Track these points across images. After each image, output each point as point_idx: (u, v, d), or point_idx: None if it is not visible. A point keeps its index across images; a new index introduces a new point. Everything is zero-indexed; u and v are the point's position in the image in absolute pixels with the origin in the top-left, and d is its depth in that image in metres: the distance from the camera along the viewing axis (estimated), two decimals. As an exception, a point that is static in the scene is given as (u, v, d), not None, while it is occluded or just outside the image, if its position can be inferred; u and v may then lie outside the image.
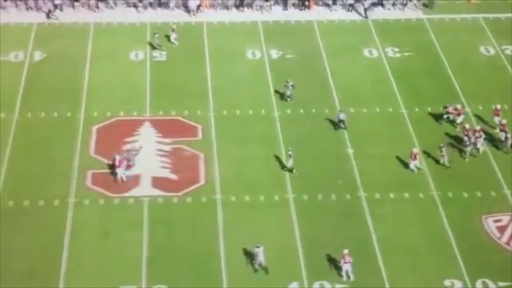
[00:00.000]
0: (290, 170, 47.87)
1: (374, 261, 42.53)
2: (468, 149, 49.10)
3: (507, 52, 59.64)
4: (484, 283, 41.15)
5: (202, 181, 48.02)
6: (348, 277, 41.15)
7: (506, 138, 49.48)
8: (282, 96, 53.27)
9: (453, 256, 42.78)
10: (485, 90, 55.42)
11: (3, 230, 43.80)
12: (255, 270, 41.66)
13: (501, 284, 41.01)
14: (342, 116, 51.31)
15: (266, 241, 43.29)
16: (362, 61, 58.42)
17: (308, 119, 52.60)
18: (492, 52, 59.73)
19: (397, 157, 49.23)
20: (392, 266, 42.29)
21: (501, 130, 49.99)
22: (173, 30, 59.77)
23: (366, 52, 59.40)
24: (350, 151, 50.06)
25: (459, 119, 51.51)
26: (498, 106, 51.56)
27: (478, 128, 49.96)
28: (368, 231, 44.36)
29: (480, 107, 53.69)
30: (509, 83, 56.07)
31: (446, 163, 48.23)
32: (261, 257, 41.77)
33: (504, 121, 50.24)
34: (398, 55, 59.20)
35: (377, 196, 46.73)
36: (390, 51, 59.54)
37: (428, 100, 54.32)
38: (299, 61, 58.21)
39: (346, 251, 41.23)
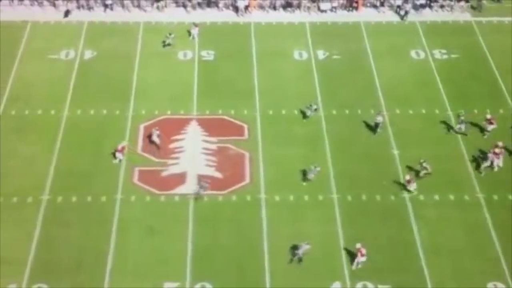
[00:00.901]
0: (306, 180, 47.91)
1: (417, 262, 42.63)
2: (484, 164, 48.80)
3: (556, 54, 59.14)
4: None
5: (247, 180, 48.48)
6: (358, 264, 41.85)
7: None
8: (303, 115, 52.89)
9: (496, 258, 42.68)
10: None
11: (52, 225, 44.73)
12: (292, 261, 42.12)
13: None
14: (379, 119, 51.24)
15: (310, 240, 43.71)
16: (408, 63, 58.36)
17: (353, 119, 52.76)
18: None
19: (441, 158, 49.21)
20: (434, 267, 42.36)
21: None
22: (196, 26, 60.26)
23: (413, 54, 59.33)
24: (395, 152, 50.14)
25: (490, 128, 50.98)
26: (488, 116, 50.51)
27: (500, 144, 48.87)
28: (412, 231, 44.45)
29: (518, 110, 53.51)
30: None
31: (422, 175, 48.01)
32: (301, 251, 42.27)
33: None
34: (445, 56, 59.05)
35: (421, 197, 46.77)
36: (437, 53, 59.39)
37: (474, 102, 54.13)
38: (345, 61, 58.32)
39: (358, 245, 41.84)
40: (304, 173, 48.05)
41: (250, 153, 50.42)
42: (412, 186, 46.87)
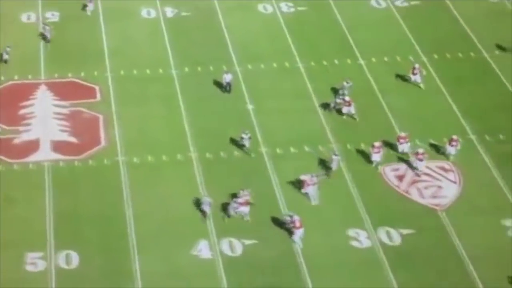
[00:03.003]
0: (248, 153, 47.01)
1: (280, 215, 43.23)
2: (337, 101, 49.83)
3: (397, 3, 60.69)
4: (387, 231, 42.38)
5: (103, 143, 47.69)
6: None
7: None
8: (241, 147, 47.53)
9: (355, 206, 43.82)
10: (378, 42, 56.42)
11: None
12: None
13: (404, 231, 42.29)
14: (228, 77, 51.12)
15: (172, 200, 43.58)
16: (257, 17, 58.62)
17: (206, 76, 52.63)
18: (384, 4, 60.72)
19: (297, 111, 49.90)
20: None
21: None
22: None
23: (261, 8, 59.62)
24: (250, 107, 50.44)
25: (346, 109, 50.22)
26: (455, 137, 46.99)
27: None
28: (272, 186, 44.93)
29: (374, 59, 54.69)
30: (401, 35, 57.22)
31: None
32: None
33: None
34: (292, 9, 59.58)
35: (278, 151, 47.31)
36: (284, 6, 59.88)
37: (323, 54, 55.02)
38: (195, 19, 57.99)
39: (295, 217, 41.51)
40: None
41: (104, 115, 49.58)
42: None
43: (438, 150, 47.23)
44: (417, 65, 52.21)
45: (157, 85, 52.00)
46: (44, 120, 48.88)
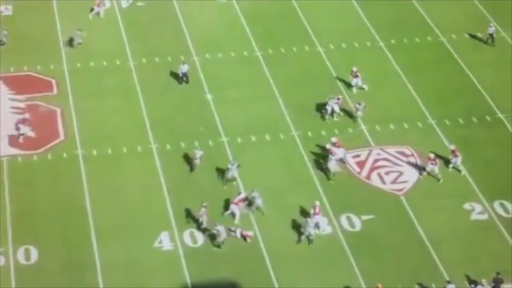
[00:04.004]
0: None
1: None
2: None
3: (353, -12, 60.77)
4: (348, 217, 42.42)
5: (61, 137, 47.19)
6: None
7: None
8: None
9: (317, 193, 43.78)
10: (335, 29, 56.36)
11: None
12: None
13: (364, 217, 42.37)
14: (184, 68, 50.67)
15: (132, 192, 43.30)
16: (213, 6, 58.26)
17: (164, 67, 52.24)
18: (339, -11, 60.74)
19: (256, 99, 49.73)
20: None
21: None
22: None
23: (217, -3, 59.56)
24: (209, 96, 50.16)
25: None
26: (453, 147, 45.72)
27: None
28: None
29: (331, 46, 54.65)
30: (358, 21, 57.19)
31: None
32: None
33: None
34: (252, -3, 59.45)
35: (239, 140, 47.12)
36: (240, -6, 59.78)
37: (280, 41, 54.84)
38: (150, 8, 57.48)
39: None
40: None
41: (61, 108, 49.04)
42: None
43: (397, 135, 47.42)
44: (355, 68, 50.94)
45: (115, 76, 51.54)
46: (1, 115, 48.16)
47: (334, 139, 45.70)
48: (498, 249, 40.77)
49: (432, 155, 44.64)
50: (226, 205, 42.35)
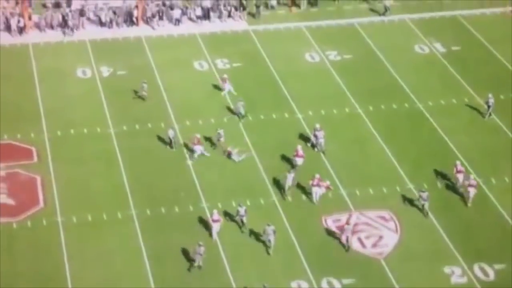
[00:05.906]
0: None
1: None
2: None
3: (331, 57, 61.59)
4: (329, 282, 42.41)
5: (41, 204, 47.14)
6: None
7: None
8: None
9: (297, 256, 43.81)
10: (313, 95, 57.07)
11: None
12: None
13: (345, 281, 42.38)
14: (171, 133, 51.16)
15: (112, 258, 43.17)
16: (193, 74, 58.96)
17: (145, 134, 52.60)
18: (317, 58, 61.57)
19: (237, 164, 50.07)
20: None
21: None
22: None
23: (197, 65, 60.04)
24: (190, 162, 50.42)
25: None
26: (459, 165, 48.65)
27: None
28: (216, 245, 44.74)
29: (310, 113, 55.23)
30: (334, 87, 58.00)
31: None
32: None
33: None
34: (228, 66, 60.07)
35: (220, 205, 47.20)
36: (219, 63, 60.37)
37: (260, 108, 55.42)
38: (130, 77, 58.08)
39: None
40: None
41: (41, 176, 49.09)
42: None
43: (377, 199, 47.78)
44: (318, 126, 51.83)
45: (95, 144, 51.73)
46: (-19, 183, 48.25)
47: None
48: (478, 312, 40.89)
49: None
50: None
